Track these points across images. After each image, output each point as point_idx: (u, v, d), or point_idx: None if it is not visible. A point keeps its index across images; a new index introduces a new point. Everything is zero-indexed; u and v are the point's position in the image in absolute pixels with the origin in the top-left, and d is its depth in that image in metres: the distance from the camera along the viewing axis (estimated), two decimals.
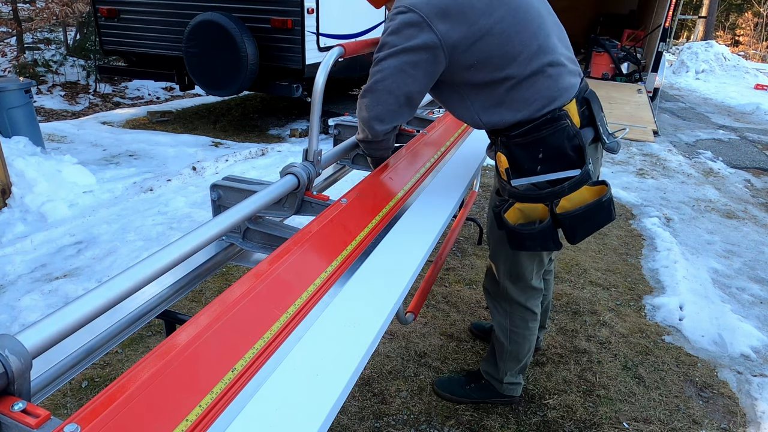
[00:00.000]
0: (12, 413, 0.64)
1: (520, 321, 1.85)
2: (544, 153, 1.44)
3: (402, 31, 1.38)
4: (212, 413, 0.74)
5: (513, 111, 1.44)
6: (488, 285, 1.90)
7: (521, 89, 1.42)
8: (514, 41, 1.38)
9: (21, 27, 7.77)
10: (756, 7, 21.53)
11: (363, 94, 1.49)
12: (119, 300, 0.83)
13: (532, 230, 1.49)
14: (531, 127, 1.43)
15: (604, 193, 1.44)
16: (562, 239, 1.55)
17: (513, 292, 1.80)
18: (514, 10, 1.38)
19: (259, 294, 0.96)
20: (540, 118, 1.42)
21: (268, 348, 0.89)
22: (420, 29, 1.35)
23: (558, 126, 1.42)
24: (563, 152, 1.43)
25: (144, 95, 8.37)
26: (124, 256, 3.03)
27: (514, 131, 1.46)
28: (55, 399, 1.98)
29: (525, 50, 1.39)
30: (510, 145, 1.48)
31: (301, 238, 1.15)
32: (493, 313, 1.90)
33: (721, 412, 2.10)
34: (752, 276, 3.25)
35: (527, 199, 1.48)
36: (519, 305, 1.82)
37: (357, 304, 1.07)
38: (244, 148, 5.29)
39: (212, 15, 5.13)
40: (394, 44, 1.39)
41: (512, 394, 2.02)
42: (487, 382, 2.03)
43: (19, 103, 4.41)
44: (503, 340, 1.89)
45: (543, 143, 1.44)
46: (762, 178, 5.37)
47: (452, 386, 2.08)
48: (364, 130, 1.57)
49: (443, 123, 2.23)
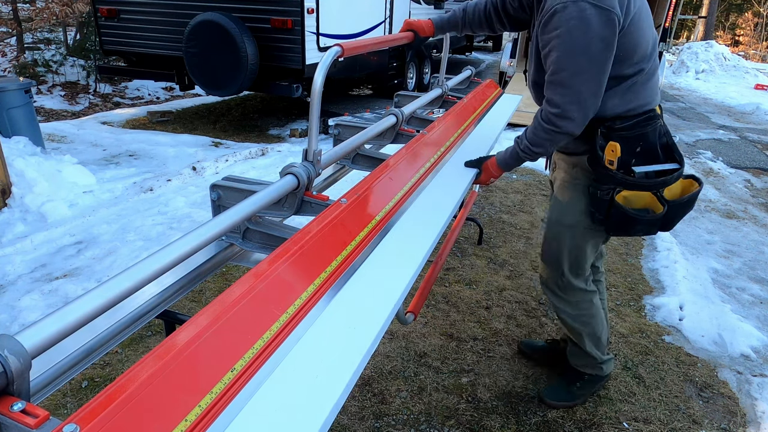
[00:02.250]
0: (11, 413, 0.64)
1: (585, 303, 1.91)
2: (642, 147, 1.57)
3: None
4: (211, 413, 0.74)
5: (626, 102, 1.55)
6: (551, 283, 1.93)
7: (642, 84, 1.55)
8: (647, 35, 1.51)
9: (21, 27, 7.77)
10: (756, 7, 21.53)
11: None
12: (119, 300, 0.83)
13: (652, 217, 1.61)
14: (636, 122, 1.55)
15: (699, 186, 1.64)
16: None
17: (575, 281, 1.87)
18: (642, 6, 1.49)
19: (259, 294, 0.96)
20: (643, 115, 1.57)
21: (268, 348, 0.88)
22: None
23: (656, 124, 1.58)
24: (655, 148, 1.58)
25: (144, 95, 8.37)
26: (124, 256, 3.03)
27: (619, 123, 1.56)
28: (55, 399, 1.98)
29: (650, 46, 1.53)
30: (613, 137, 1.56)
31: (300, 238, 1.15)
32: (559, 307, 1.94)
33: (721, 412, 2.10)
34: (752, 276, 3.25)
35: (638, 187, 1.58)
36: (581, 290, 1.89)
37: (357, 305, 1.06)
38: (244, 148, 5.29)
39: (212, 15, 5.13)
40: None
41: (611, 371, 2.12)
42: (589, 374, 2.07)
43: (19, 103, 4.41)
44: (579, 328, 1.94)
45: (643, 138, 1.57)
46: (762, 178, 5.37)
47: (560, 393, 2.08)
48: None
49: (443, 123, 2.23)
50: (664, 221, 1.64)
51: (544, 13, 1.47)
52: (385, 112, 2.07)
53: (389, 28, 7.13)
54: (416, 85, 8.44)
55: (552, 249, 1.87)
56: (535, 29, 1.59)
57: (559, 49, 1.45)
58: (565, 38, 1.43)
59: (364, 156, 1.89)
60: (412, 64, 8.23)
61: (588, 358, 2.02)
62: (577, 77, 1.45)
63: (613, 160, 1.57)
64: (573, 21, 1.40)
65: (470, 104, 2.54)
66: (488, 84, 3.04)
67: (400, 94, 2.58)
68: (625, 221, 1.62)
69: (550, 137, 1.56)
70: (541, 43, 1.53)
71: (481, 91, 2.83)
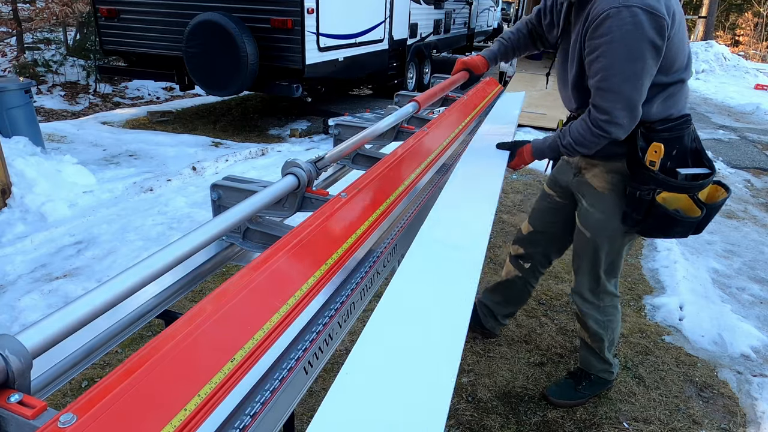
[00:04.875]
0: (8, 405, 0.64)
1: (611, 308, 1.94)
2: (678, 150, 1.60)
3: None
4: (211, 402, 0.74)
5: (667, 108, 1.59)
6: (584, 289, 1.93)
7: (680, 91, 1.60)
8: (686, 46, 1.55)
9: (21, 27, 7.77)
10: (756, 7, 21.53)
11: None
12: (120, 300, 0.82)
13: (692, 219, 1.62)
14: (674, 125, 1.58)
15: (727, 193, 1.67)
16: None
17: (608, 285, 1.90)
18: (682, 16, 1.51)
19: (259, 285, 0.95)
20: (681, 118, 1.61)
21: (268, 339, 0.88)
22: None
23: (689, 129, 1.63)
24: (686, 152, 1.61)
25: (144, 95, 8.37)
26: (124, 256, 3.03)
27: (660, 125, 1.58)
28: (54, 399, 1.98)
29: (687, 57, 1.57)
30: (655, 138, 1.58)
31: (300, 231, 1.15)
32: (588, 313, 1.94)
33: (721, 412, 2.10)
34: (752, 276, 3.25)
35: (679, 189, 1.59)
36: (611, 295, 1.92)
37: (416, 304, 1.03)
38: (244, 148, 5.29)
39: (212, 15, 5.13)
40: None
41: (617, 374, 2.15)
42: (596, 376, 2.09)
43: (19, 103, 4.40)
44: (602, 333, 1.96)
45: (679, 141, 1.60)
46: (762, 178, 5.37)
47: (565, 392, 2.09)
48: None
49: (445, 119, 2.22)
50: (699, 224, 1.66)
51: (594, 17, 1.46)
52: (386, 110, 2.07)
53: (389, 28, 7.13)
54: (416, 85, 8.44)
55: (588, 256, 1.86)
56: (577, 35, 1.59)
57: (610, 55, 1.44)
58: (617, 44, 1.42)
59: (365, 156, 1.89)
60: (412, 64, 8.24)
61: (604, 363, 2.05)
62: (627, 83, 1.45)
63: (655, 161, 1.57)
64: (627, 26, 1.39)
65: (471, 101, 2.54)
66: (488, 81, 3.04)
67: (400, 94, 2.58)
68: (666, 222, 1.63)
69: (598, 141, 1.59)
70: (588, 48, 1.51)
71: (481, 88, 2.83)
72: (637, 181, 1.63)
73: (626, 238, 1.81)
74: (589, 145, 1.62)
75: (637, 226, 1.70)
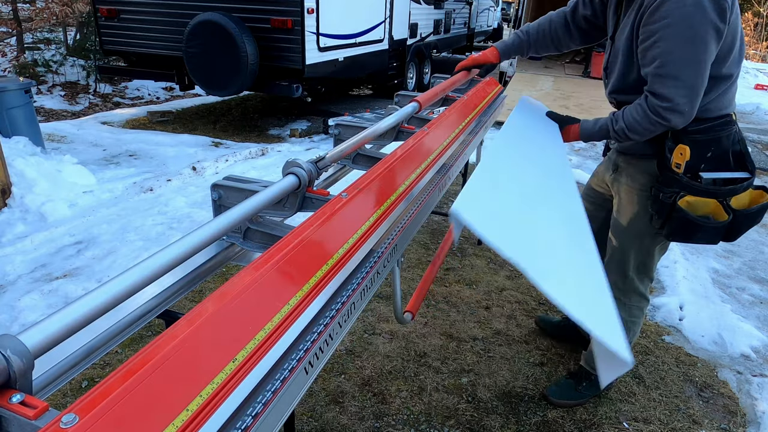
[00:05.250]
0: (10, 405, 0.64)
1: (637, 310, 1.91)
2: (713, 152, 1.51)
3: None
4: (213, 402, 0.74)
5: (707, 103, 1.49)
6: (610, 285, 1.91)
7: (729, 88, 1.51)
8: (741, 37, 1.47)
9: (21, 27, 7.78)
10: (756, 7, 21.54)
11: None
12: (121, 300, 0.83)
13: (716, 225, 1.53)
14: (711, 126, 1.49)
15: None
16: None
17: (638, 284, 1.86)
18: (738, 11, 1.46)
19: (260, 285, 0.95)
20: (719, 119, 1.50)
21: (270, 339, 0.88)
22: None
23: (731, 130, 1.52)
24: (727, 155, 1.52)
25: (144, 95, 8.37)
26: (124, 256, 3.03)
27: (693, 126, 1.49)
28: (55, 399, 1.98)
29: (741, 50, 1.48)
30: (683, 139, 1.50)
31: (301, 231, 1.15)
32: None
33: (721, 412, 2.10)
34: (752, 276, 3.25)
35: (704, 193, 1.52)
36: (640, 296, 1.89)
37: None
38: (244, 148, 5.29)
39: (212, 15, 5.13)
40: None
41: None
42: (597, 376, 2.05)
43: (19, 103, 4.41)
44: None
45: (716, 143, 1.51)
46: (762, 178, 5.37)
47: (566, 392, 2.08)
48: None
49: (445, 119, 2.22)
50: (729, 231, 1.58)
51: (650, 2, 1.40)
52: (386, 110, 2.07)
53: (389, 28, 7.13)
54: (416, 85, 8.45)
55: (616, 252, 1.84)
56: (631, 25, 1.53)
57: (670, 39, 1.37)
58: (676, 26, 1.35)
59: (365, 156, 1.89)
60: (412, 64, 8.24)
61: None
62: (689, 68, 1.38)
63: (681, 164, 1.52)
64: (688, 8, 1.33)
65: (471, 101, 2.54)
66: (489, 82, 3.04)
67: (400, 94, 2.58)
68: (687, 227, 1.57)
69: (653, 128, 1.50)
70: (644, 35, 1.44)
71: (481, 88, 2.83)
72: (662, 183, 1.58)
73: (656, 240, 1.76)
74: (643, 132, 1.52)
75: (662, 230, 1.65)
